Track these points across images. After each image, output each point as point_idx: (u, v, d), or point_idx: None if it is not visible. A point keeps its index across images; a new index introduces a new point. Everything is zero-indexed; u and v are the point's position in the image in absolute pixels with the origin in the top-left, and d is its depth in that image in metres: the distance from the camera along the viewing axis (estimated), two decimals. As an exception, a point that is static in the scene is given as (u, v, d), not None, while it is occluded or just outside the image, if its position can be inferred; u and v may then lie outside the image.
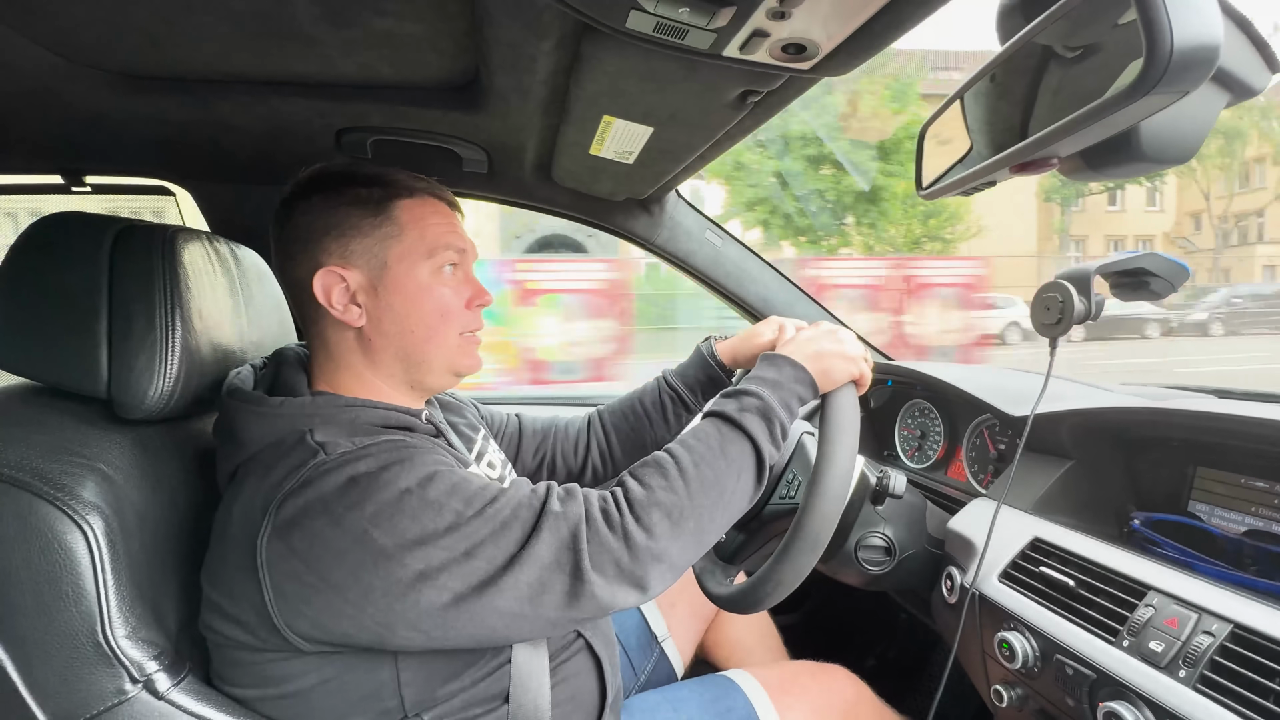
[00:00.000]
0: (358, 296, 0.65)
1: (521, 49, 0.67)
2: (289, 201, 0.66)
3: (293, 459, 0.57)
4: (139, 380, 0.64)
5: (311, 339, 0.69)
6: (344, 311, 0.64)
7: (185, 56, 0.74)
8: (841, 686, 0.90)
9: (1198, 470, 0.74)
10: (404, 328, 0.66)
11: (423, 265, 0.66)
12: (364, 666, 0.59)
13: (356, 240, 0.65)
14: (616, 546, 0.56)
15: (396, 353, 0.67)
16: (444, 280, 0.67)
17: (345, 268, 0.64)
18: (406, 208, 0.66)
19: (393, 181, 0.67)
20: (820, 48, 0.53)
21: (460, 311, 0.68)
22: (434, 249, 0.66)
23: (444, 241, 0.67)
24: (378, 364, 0.67)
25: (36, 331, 0.63)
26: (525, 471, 0.96)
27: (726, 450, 0.63)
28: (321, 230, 0.65)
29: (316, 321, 0.67)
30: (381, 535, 0.52)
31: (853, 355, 0.71)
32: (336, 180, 0.66)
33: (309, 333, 0.68)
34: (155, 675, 0.57)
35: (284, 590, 0.54)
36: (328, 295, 0.64)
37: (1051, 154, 0.50)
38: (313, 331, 0.68)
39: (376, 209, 0.65)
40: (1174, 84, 0.35)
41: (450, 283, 0.68)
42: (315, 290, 0.64)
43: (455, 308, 0.68)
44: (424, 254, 0.66)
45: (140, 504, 0.64)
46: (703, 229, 1.25)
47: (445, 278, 0.67)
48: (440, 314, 0.67)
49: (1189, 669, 0.53)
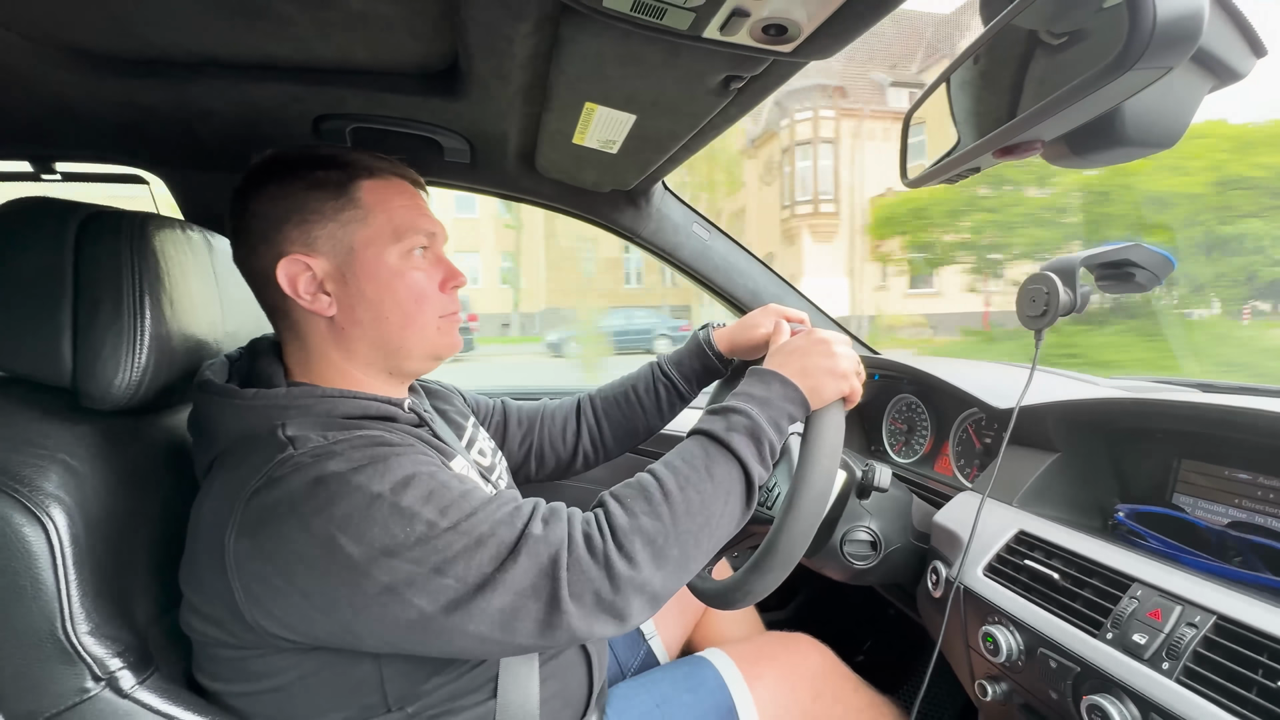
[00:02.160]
0: (326, 284, 0.62)
1: (499, 31, 0.65)
2: (244, 190, 0.63)
3: (262, 454, 0.55)
4: (104, 369, 0.63)
5: (282, 331, 0.67)
6: (313, 301, 0.62)
7: (153, 37, 0.72)
8: (808, 652, 0.91)
9: (1182, 463, 0.74)
10: (379, 314, 0.64)
11: (391, 249, 0.63)
12: (345, 662, 0.57)
13: (319, 225, 0.62)
14: (598, 576, 0.53)
15: (373, 340, 0.64)
16: (415, 263, 0.65)
17: (310, 255, 0.62)
18: (369, 189, 0.64)
19: (352, 162, 0.64)
20: (801, 29, 0.52)
21: (436, 295, 0.67)
22: (402, 232, 0.64)
23: (412, 224, 0.65)
24: (354, 353, 0.65)
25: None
26: (512, 460, 0.95)
27: (713, 472, 0.60)
28: (281, 217, 0.62)
29: (286, 313, 0.64)
30: (349, 543, 0.50)
31: (844, 372, 0.67)
32: (293, 164, 0.63)
33: (278, 325, 0.66)
34: (119, 673, 0.56)
35: (252, 590, 0.53)
36: (294, 285, 0.62)
37: (1035, 138, 0.49)
38: (283, 324, 0.66)
39: (338, 191, 0.63)
40: (1157, 58, 0.34)
41: (422, 265, 0.66)
42: (280, 280, 0.61)
43: (430, 291, 0.66)
44: (392, 237, 0.63)
45: (107, 497, 0.62)
46: (690, 222, 1.24)
47: (416, 261, 0.65)
48: (416, 299, 0.65)
49: (1172, 661, 0.53)
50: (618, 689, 0.85)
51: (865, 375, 0.72)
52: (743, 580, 0.68)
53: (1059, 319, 0.74)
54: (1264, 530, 0.64)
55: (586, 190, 1.14)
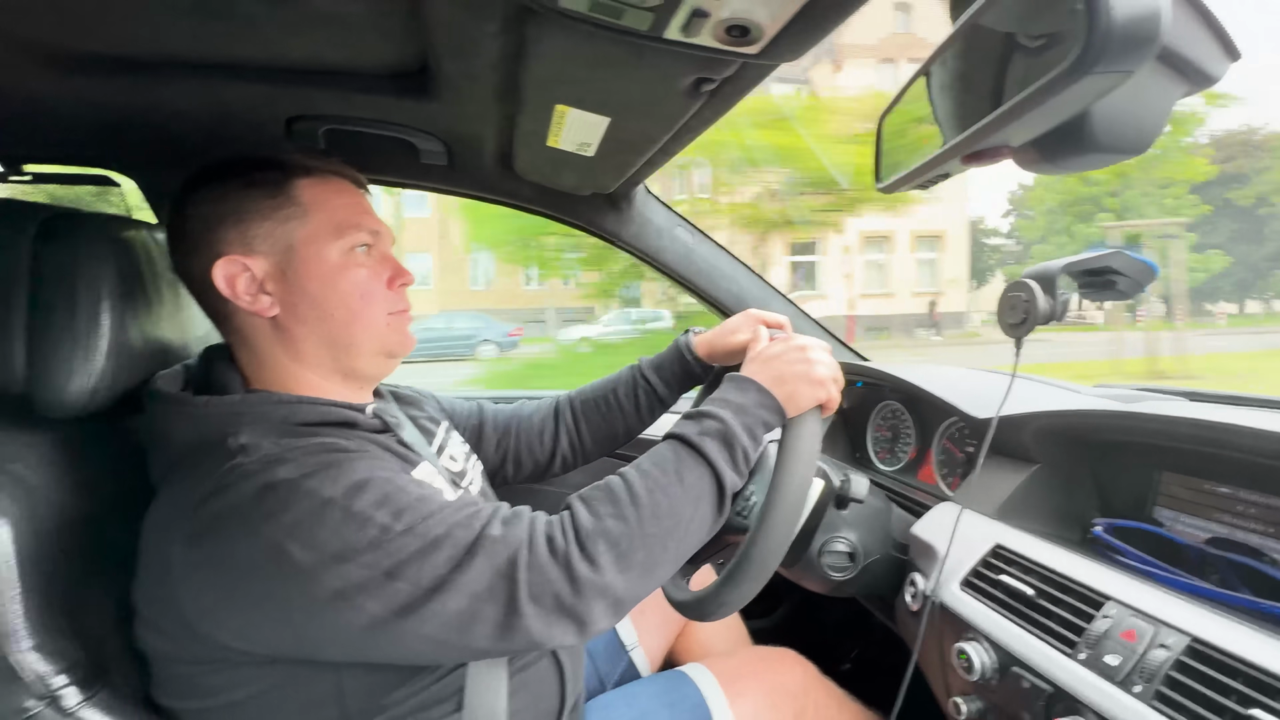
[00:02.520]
0: (266, 284, 0.61)
1: (465, 32, 0.64)
2: (180, 194, 0.63)
3: (212, 462, 0.53)
4: (58, 375, 0.61)
5: (228, 336, 0.65)
6: (253, 301, 0.61)
7: (118, 36, 0.70)
8: (790, 668, 0.90)
9: (1163, 475, 0.72)
10: (322, 312, 0.62)
11: (332, 246, 0.63)
12: (303, 676, 0.56)
13: (256, 224, 0.61)
14: (557, 578, 0.52)
15: (320, 339, 0.63)
16: (358, 260, 0.64)
17: (248, 255, 0.61)
18: (306, 187, 0.63)
19: (288, 162, 0.64)
20: (765, 30, 0.51)
21: (382, 292, 0.66)
22: (343, 229, 0.63)
23: (353, 221, 0.64)
24: (301, 354, 0.64)
25: None
26: (489, 465, 0.93)
27: (683, 476, 0.59)
28: (218, 219, 0.61)
29: (228, 317, 0.63)
30: (298, 549, 0.49)
31: (820, 379, 0.66)
32: (229, 167, 0.63)
33: (224, 331, 0.65)
34: (62, 691, 0.54)
35: (202, 601, 0.51)
36: (232, 286, 0.61)
37: (1003, 143, 0.47)
38: (227, 328, 0.65)
39: (275, 190, 0.62)
40: (1116, 61, 0.32)
41: (366, 263, 0.65)
42: (217, 282, 0.60)
43: (375, 288, 0.65)
44: (333, 234, 0.63)
45: (61, 507, 0.61)
46: (673, 225, 1.22)
47: (359, 258, 0.64)
48: (360, 295, 0.64)
49: (1145, 684, 0.51)
50: (595, 702, 0.84)
51: (845, 382, 0.71)
52: (718, 591, 0.67)
53: (1038, 327, 0.73)
54: (1243, 547, 0.62)
55: (567, 193, 1.13)
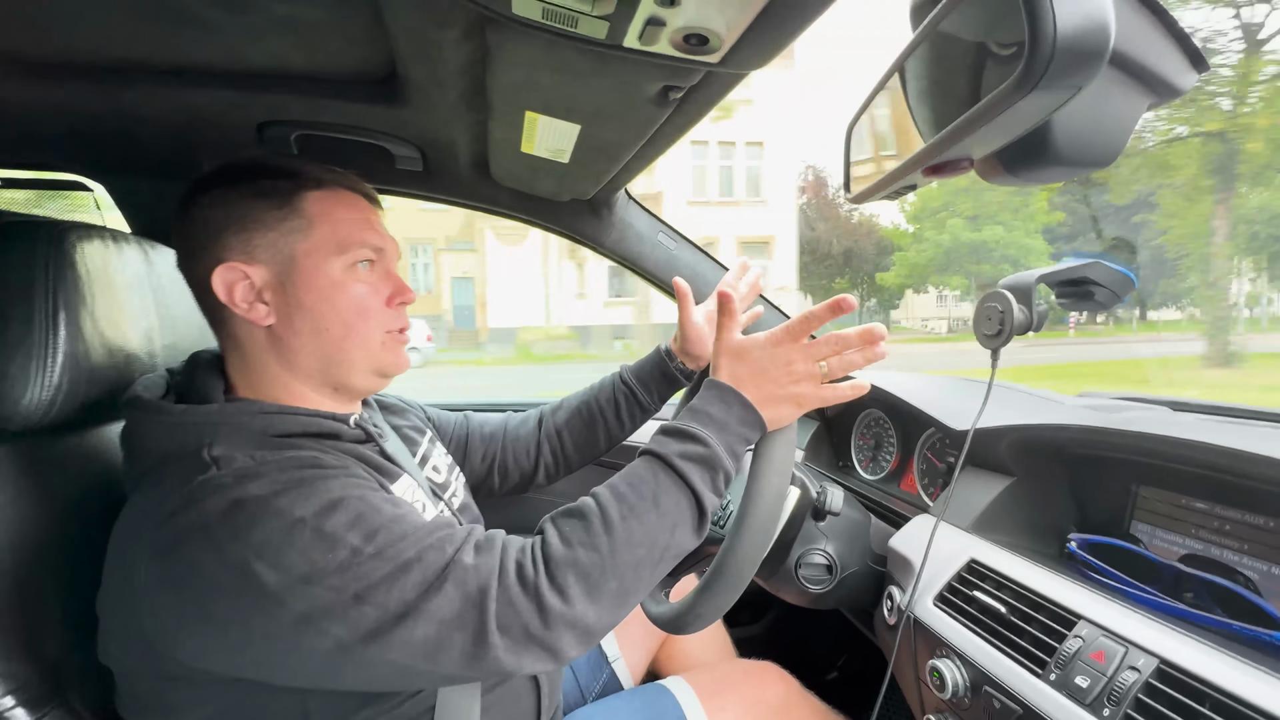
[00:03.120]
0: (264, 294, 0.60)
1: (427, 38, 0.63)
2: (189, 195, 0.62)
3: (183, 475, 0.52)
4: (11, 387, 0.60)
5: (222, 341, 0.65)
6: (249, 309, 0.60)
7: (79, 42, 0.69)
8: (772, 682, 0.89)
9: (1140, 489, 0.71)
10: (318, 326, 0.61)
11: (334, 261, 0.62)
12: (267, 694, 0.55)
13: (260, 234, 0.60)
14: (527, 609, 0.51)
15: (314, 352, 0.62)
16: (359, 276, 0.63)
17: (248, 263, 0.60)
18: (315, 200, 0.62)
19: (300, 173, 0.63)
20: (723, 39, 0.50)
21: (380, 309, 0.64)
22: (345, 244, 0.62)
23: (357, 237, 0.63)
24: (294, 365, 0.63)
25: None
26: (475, 476, 0.92)
27: (660, 501, 0.57)
28: (222, 224, 0.60)
29: (224, 322, 0.62)
30: (265, 570, 0.47)
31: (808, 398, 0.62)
32: (241, 173, 0.62)
33: (219, 334, 0.64)
34: (11, 712, 0.53)
35: (163, 619, 0.50)
36: (230, 292, 0.60)
37: (964, 155, 0.46)
38: (222, 333, 0.64)
39: (282, 201, 0.61)
40: (1063, 77, 0.31)
41: (367, 279, 0.64)
42: (215, 287, 0.59)
43: (374, 305, 0.64)
44: (335, 249, 0.62)
45: (17, 524, 0.59)
46: (655, 231, 1.21)
47: (360, 274, 0.63)
48: (358, 311, 0.63)
49: (1113, 707, 0.50)
50: (573, 716, 0.83)
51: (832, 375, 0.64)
52: (694, 603, 0.65)
53: (1014, 338, 0.72)
54: (1218, 564, 0.61)
55: (547, 199, 1.12)
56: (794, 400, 0.62)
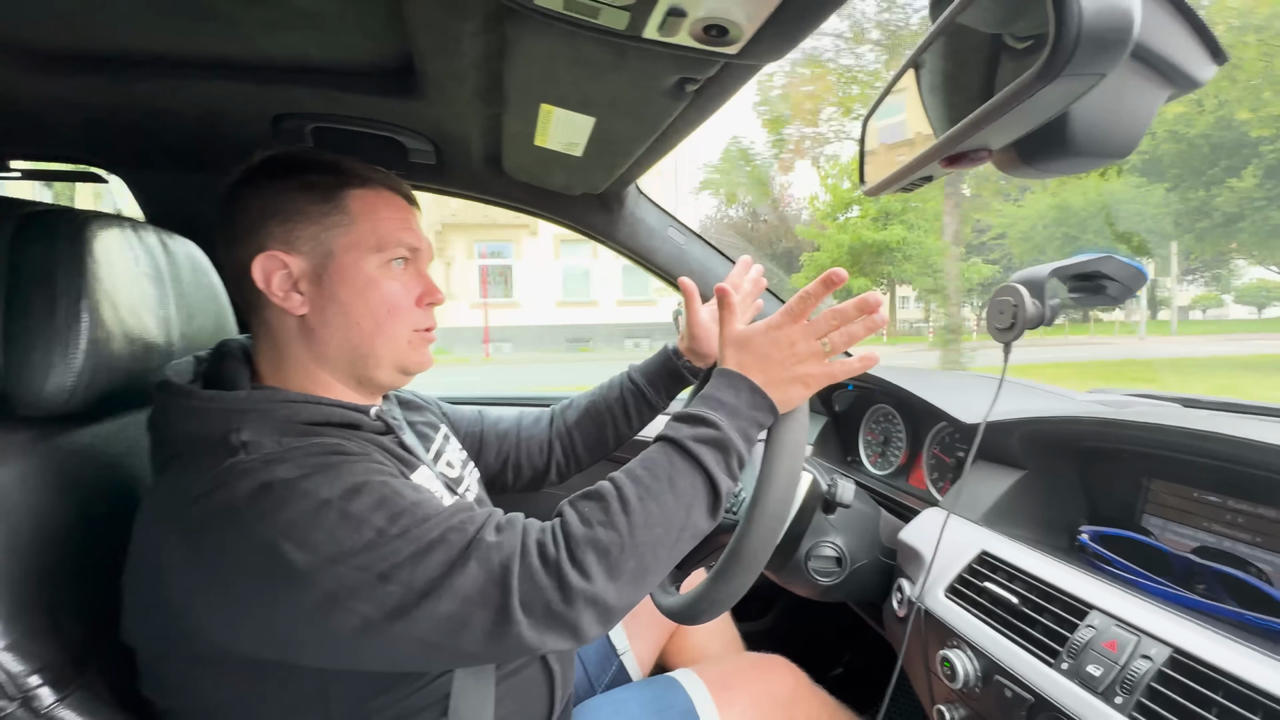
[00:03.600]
0: (300, 284, 0.62)
1: (445, 31, 0.64)
2: (236, 184, 0.63)
3: (212, 458, 0.53)
4: (35, 375, 0.61)
5: (255, 329, 0.66)
6: (285, 298, 0.62)
7: (97, 34, 0.70)
8: (780, 676, 0.89)
9: (1152, 482, 0.71)
10: (349, 319, 0.63)
11: (371, 258, 0.63)
12: (288, 678, 0.55)
13: (303, 226, 0.62)
14: (549, 586, 0.51)
15: (342, 344, 0.63)
16: (393, 275, 0.64)
17: (288, 253, 0.61)
18: (358, 197, 0.63)
19: (346, 170, 0.64)
20: (743, 30, 0.50)
21: (410, 308, 0.66)
22: (384, 242, 0.63)
23: (395, 236, 0.64)
24: (322, 356, 0.64)
25: None
26: (489, 472, 0.93)
27: (676, 482, 0.58)
28: (268, 214, 0.62)
29: (259, 310, 0.64)
30: (292, 550, 0.48)
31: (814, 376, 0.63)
32: (287, 165, 0.64)
33: (252, 322, 0.66)
34: (36, 691, 0.54)
35: (190, 598, 0.51)
36: (268, 280, 0.61)
37: (982, 146, 0.46)
38: (256, 321, 0.65)
39: (326, 196, 0.62)
40: (1085, 65, 0.32)
41: (400, 278, 0.65)
42: (255, 275, 0.61)
43: (405, 304, 0.65)
44: (373, 246, 0.63)
45: (38, 507, 0.60)
46: (665, 226, 1.22)
47: (394, 272, 0.65)
48: (388, 309, 0.64)
49: (1125, 695, 0.50)
50: (583, 707, 0.83)
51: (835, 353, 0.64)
52: (708, 590, 0.66)
53: (1027, 332, 0.72)
54: (1230, 557, 0.61)
55: (558, 193, 1.12)
56: (801, 380, 0.63)
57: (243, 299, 0.65)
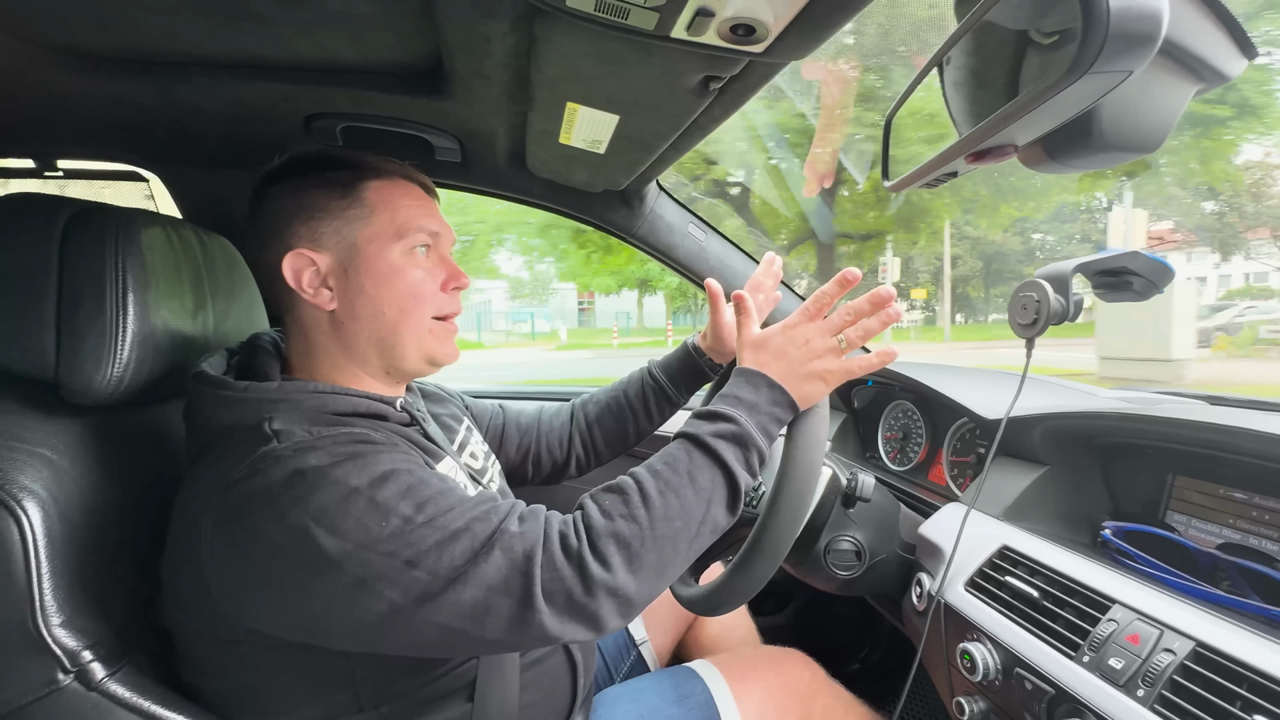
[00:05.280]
0: (329, 279, 0.64)
1: (475, 31, 0.65)
2: (260, 187, 0.66)
3: (245, 446, 0.55)
4: (86, 365, 0.63)
5: (287, 325, 0.68)
6: (315, 295, 0.64)
7: (138, 36, 0.73)
8: (797, 669, 0.89)
9: (1176, 479, 0.71)
10: (375, 309, 0.65)
11: (393, 246, 0.65)
12: (316, 659, 0.57)
13: (325, 222, 0.64)
14: (570, 576, 0.53)
15: (370, 336, 0.65)
16: (416, 262, 0.66)
17: (315, 250, 0.63)
18: (376, 189, 0.65)
19: (362, 163, 0.66)
20: (770, 29, 0.51)
21: (434, 294, 0.67)
22: (404, 230, 0.65)
23: (415, 223, 0.66)
24: (352, 349, 0.66)
25: None
26: (510, 465, 0.95)
27: (695, 477, 0.59)
28: (292, 213, 0.64)
29: (291, 307, 0.66)
30: (323, 535, 0.50)
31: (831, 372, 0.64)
32: (306, 164, 0.66)
33: (285, 319, 0.68)
34: (89, 665, 0.56)
35: (224, 581, 0.53)
36: (298, 278, 0.63)
37: (1008, 142, 0.47)
38: (288, 318, 0.67)
39: (345, 190, 0.64)
40: (1114, 61, 0.32)
41: (424, 264, 0.67)
42: (285, 274, 0.63)
43: (428, 290, 0.67)
44: (394, 235, 0.65)
45: (88, 491, 0.63)
46: (685, 222, 1.22)
47: (418, 259, 0.66)
48: (412, 295, 0.65)
49: (1148, 688, 0.51)
50: (604, 695, 0.84)
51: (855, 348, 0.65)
52: (729, 580, 0.67)
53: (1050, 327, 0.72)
54: (1256, 553, 0.61)
55: (579, 190, 1.14)
56: (819, 376, 0.64)
57: (275, 299, 0.67)
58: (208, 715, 0.59)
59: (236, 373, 0.66)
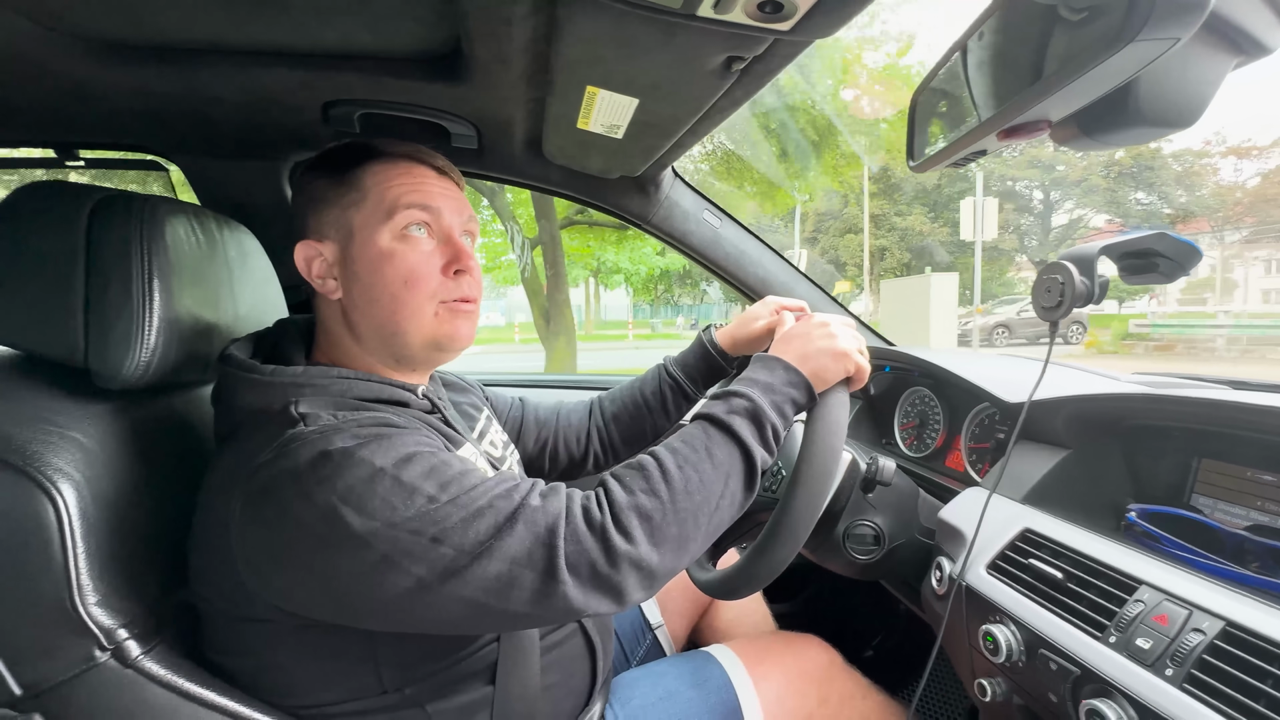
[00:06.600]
0: (334, 269, 0.64)
1: (496, 14, 0.65)
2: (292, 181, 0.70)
3: (273, 428, 0.56)
4: (115, 349, 0.64)
5: (314, 312, 0.70)
6: (323, 285, 0.65)
7: (161, 24, 0.73)
8: (815, 654, 0.90)
9: (1201, 462, 0.70)
10: (371, 297, 0.64)
11: (383, 229, 0.63)
12: (340, 639, 0.58)
13: (326, 211, 0.64)
14: (594, 548, 0.53)
15: (371, 324, 0.65)
16: (410, 244, 0.63)
17: (320, 241, 0.64)
18: (373, 173, 0.64)
19: (365, 148, 0.66)
20: (798, 5, 0.50)
21: (432, 277, 0.64)
22: (391, 209, 0.63)
23: (405, 200, 0.63)
24: (361, 338, 0.66)
25: (14, 297, 0.63)
26: (527, 457, 0.96)
27: (713, 453, 0.59)
28: (303, 207, 0.66)
29: (313, 296, 0.68)
30: (350, 514, 0.51)
31: (844, 350, 0.67)
32: (323, 156, 0.67)
33: (312, 306, 0.70)
34: (125, 643, 0.58)
35: (252, 560, 0.54)
36: (309, 268, 0.65)
37: (1041, 117, 0.46)
38: (312, 305, 0.69)
39: (342, 178, 0.64)
40: (1162, 28, 0.32)
41: (420, 246, 0.64)
42: (299, 264, 0.65)
43: (424, 273, 0.64)
44: (382, 217, 0.63)
45: (119, 473, 0.64)
46: (700, 209, 1.22)
47: (413, 241, 0.63)
48: (405, 280, 0.63)
49: (1176, 667, 0.51)
50: (622, 678, 0.85)
51: (870, 358, 0.71)
52: (748, 563, 0.67)
53: (1075, 309, 0.71)
54: (1286, 534, 0.60)
55: (595, 176, 1.14)
56: (832, 353, 0.67)
57: (305, 287, 0.69)
58: (239, 692, 0.60)
59: (264, 356, 0.67)
